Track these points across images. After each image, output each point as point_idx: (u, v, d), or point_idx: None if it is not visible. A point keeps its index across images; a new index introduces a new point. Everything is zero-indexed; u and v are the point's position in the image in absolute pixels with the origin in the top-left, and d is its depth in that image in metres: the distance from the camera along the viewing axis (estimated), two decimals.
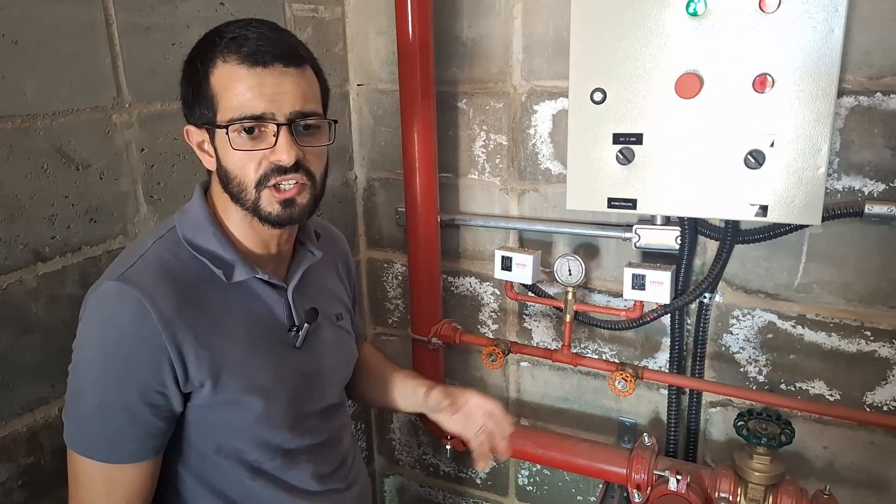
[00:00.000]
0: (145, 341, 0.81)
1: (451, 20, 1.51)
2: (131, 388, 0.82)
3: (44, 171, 1.04)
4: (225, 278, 0.87)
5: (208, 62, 0.82)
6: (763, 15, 1.11)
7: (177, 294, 0.83)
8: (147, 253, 0.86)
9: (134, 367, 0.81)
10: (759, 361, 1.43)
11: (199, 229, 0.89)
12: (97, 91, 1.10)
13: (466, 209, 1.63)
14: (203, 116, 0.85)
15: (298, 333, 0.95)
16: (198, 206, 0.91)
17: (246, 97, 0.80)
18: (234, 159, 0.83)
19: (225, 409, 0.88)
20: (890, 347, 1.31)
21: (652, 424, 1.58)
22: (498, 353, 1.47)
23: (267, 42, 0.81)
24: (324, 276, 1.06)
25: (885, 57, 1.18)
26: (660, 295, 1.32)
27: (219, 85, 0.82)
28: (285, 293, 0.94)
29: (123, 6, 1.12)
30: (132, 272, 0.83)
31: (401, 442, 1.96)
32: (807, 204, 1.16)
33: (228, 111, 0.81)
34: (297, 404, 0.96)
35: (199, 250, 0.88)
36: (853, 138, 1.24)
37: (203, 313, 0.85)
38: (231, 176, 0.85)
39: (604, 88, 1.23)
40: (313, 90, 0.86)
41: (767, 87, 1.13)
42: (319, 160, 0.88)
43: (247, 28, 0.82)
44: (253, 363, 0.89)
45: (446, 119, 1.58)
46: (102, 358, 0.82)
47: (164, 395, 0.83)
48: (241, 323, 0.89)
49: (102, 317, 0.82)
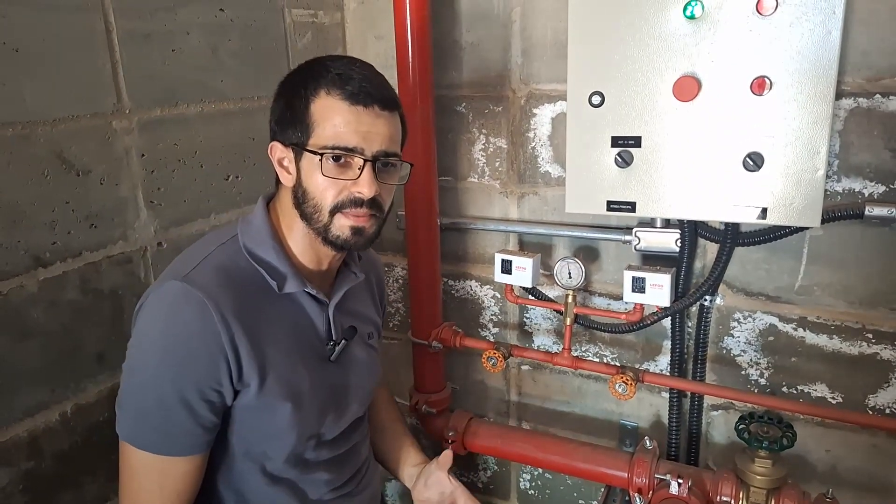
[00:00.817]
0: (206, 339, 0.86)
1: (450, 25, 1.52)
2: (190, 384, 0.86)
3: (44, 177, 1.04)
4: (277, 289, 0.94)
5: (312, 90, 0.89)
6: (760, 18, 1.11)
7: (235, 298, 0.89)
8: (210, 257, 0.92)
9: (194, 364, 0.86)
10: (760, 364, 1.42)
11: (259, 241, 0.95)
12: (97, 97, 1.11)
13: (466, 212, 1.63)
14: (294, 137, 0.91)
15: (335, 348, 1.00)
16: (260, 219, 0.97)
17: (342, 130, 0.88)
18: (317, 183, 0.90)
19: (262, 412, 0.93)
20: (891, 350, 1.30)
21: (653, 428, 1.58)
22: (498, 357, 1.47)
23: (370, 84, 0.89)
24: (361, 297, 1.12)
25: (883, 58, 1.18)
26: (660, 298, 1.31)
27: (318, 113, 0.89)
28: (327, 308, 1.00)
29: (123, 13, 1.13)
30: (195, 274, 0.88)
31: None
32: (806, 206, 1.16)
33: (323, 139, 0.88)
34: (325, 416, 1.01)
35: (257, 260, 0.94)
36: (853, 140, 1.24)
37: (256, 318, 0.91)
38: (309, 196, 0.91)
39: (602, 92, 1.23)
40: (398, 134, 0.95)
41: (765, 89, 1.13)
42: (389, 196, 0.96)
43: (351, 67, 0.90)
44: (293, 370, 0.95)
45: (446, 123, 1.58)
46: (163, 353, 0.86)
47: (219, 393, 0.88)
48: (287, 331, 0.95)
49: (165, 314, 0.87)
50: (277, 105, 0.94)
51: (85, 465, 1.15)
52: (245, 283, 0.92)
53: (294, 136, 0.91)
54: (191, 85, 1.27)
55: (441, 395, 1.65)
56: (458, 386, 1.77)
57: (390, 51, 1.48)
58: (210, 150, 1.32)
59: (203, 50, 1.28)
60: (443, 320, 1.63)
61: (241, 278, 0.92)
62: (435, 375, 1.65)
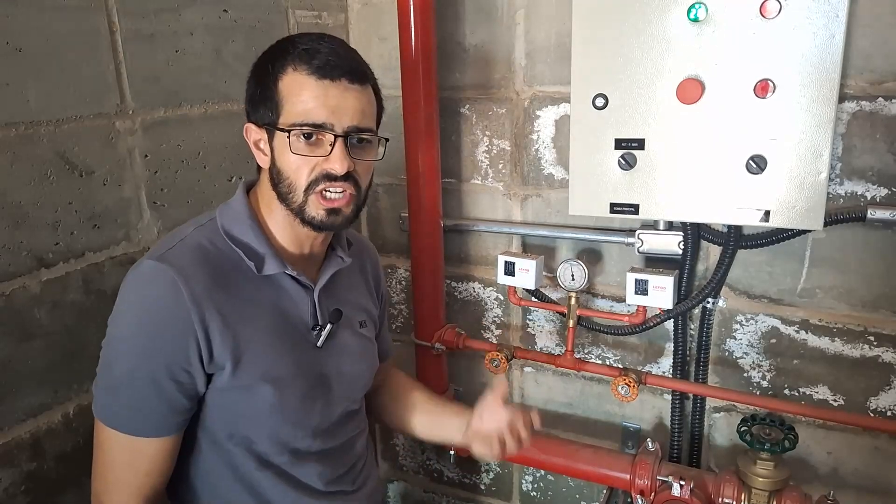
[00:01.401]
0: (176, 317, 0.85)
1: (454, 26, 1.52)
2: (159, 361, 0.86)
3: (47, 177, 1.04)
4: (256, 270, 0.92)
5: (279, 68, 0.87)
6: (764, 20, 1.11)
7: (209, 277, 0.88)
8: (187, 238, 0.91)
9: (163, 341, 0.86)
10: (762, 366, 1.42)
11: (237, 221, 0.94)
12: (101, 98, 1.11)
13: (470, 214, 1.63)
14: (265, 117, 0.89)
15: (321, 333, 0.98)
16: (239, 201, 0.96)
17: (310, 105, 0.86)
18: (289, 161, 0.88)
19: (241, 395, 0.91)
20: (893, 353, 1.30)
21: (656, 430, 1.58)
22: (501, 359, 1.47)
23: (336, 57, 0.86)
24: (352, 283, 1.09)
25: (886, 62, 1.18)
26: (663, 300, 1.31)
27: (286, 90, 0.87)
28: (312, 292, 0.98)
29: (127, 14, 1.13)
30: (170, 254, 0.88)
31: (404, 447, 1.96)
32: (808, 209, 1.16)
33: (291, 116, 0.87)
34: (313, 403, 0.98)
35: (234, 241, 0.92)
36: (855, 143, 1.24)
37: (232, 298, 0.89)
38: (283, 176, 0.89)
39: (605, 94, 1.24)
40: (371, 108, 0.92)
41: (769, 92, 1.14)
42: (367, 173, 0.94)
43: (319, 42, 0.87)
44: (272, 353, 0.93)
45: (449, 124, 1.58)
46: (135, 329, 0.86)
47: (188, 373, 0.87)
48: (267, 314, 0.93)
49: (138, 291, 0.87)
50: (249, 85, 0.93)
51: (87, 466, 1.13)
52: (221, 264, 0.90)
53: (266, 116, 0.89)
54: (194, 86, 1.27)
55: (444, 397, 1.64)
56: (461, 388, 1.77)
57: (394, 52, 1.48)
58: (213, 151, 1.32)
59: (207, 51, 1.28)
60: (446, 322, 1.63)
61: (218, 258, 0.91)
62: (438, 377, 1.65)
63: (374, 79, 0.93)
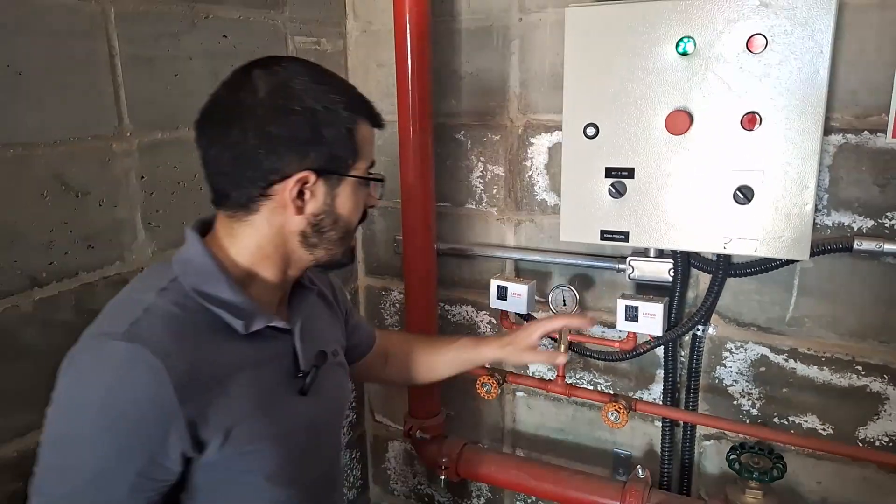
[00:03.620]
0: (159, 408, 0.73)
1: (450, 55, 1.55)
2: (137, 459, 0.74)
3: (43, 198, 1.05)
4: (244, 329, 0.81)
5: (355, 114, 0.83)
6: (751, 55, 1.14)
7: (190, 352, 0.76)
8: (153, 307, 0.77)
9: (141, 439, 0.73)
10: (752, 394, 1.43)
11: (209, 278, 0.82)
12: (98, 120, 1.12)
13: (464, 238, 1.65)
14: (335, 163, 0.82)
15: (306, 379, 0.88)
16: (201, 254, 0.83)
17: (371, 153, 0.87)
18: (353, 208, 0.86)
19: (232, 471, 0.82)
20: (881, 382, 1.31)
21: (646, 456, 1.57)
22: (493, 383, 1.47)
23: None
24: (320, 312, 1.01)
25: (870, 96, 1.21)
26: (653, 327, 1.32)
27: (362, 138, 0.84)
28: (292, 336, 0.89)
29: (127, 39, 1.15)
30: (140, 329, 0.74)
31: (396, 471, 1.95)
32: (795, 240, 1.18)
33: (365, 164, 0.86)
34: (307, 455, 0.90)
35: (213, 301, 0.80)
36: (842, 175, 1.26)
37: (215, 371, 0.79)
38: (341, 224, 0.86)
39: (596, 123, 1.26)
40: None
41: (756, 125, 1.16)
42: None
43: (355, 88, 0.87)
44: (264, 419, 0.83)
45: (444, 150, 1.60)
46: (104, 428, 0.72)
47: (166, 469, 0.76)
48: (253, 376, 0.83)
49: (104, 380, 0.73)
50: (298, 127, 0.79)
51: None
52: (198, 332, 0.78)
53: (335, 162, 0.81)
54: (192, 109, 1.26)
55: (435, 420, 1.64)
56: (453, 412, 1.77)
57: (391, 78, 1.51)
58: None
59: (205, 75, 1.30)
60: None
61: (195, 326, 0.78)
62: (430, 401, 1.65)
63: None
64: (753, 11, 1.12)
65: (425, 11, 1.42)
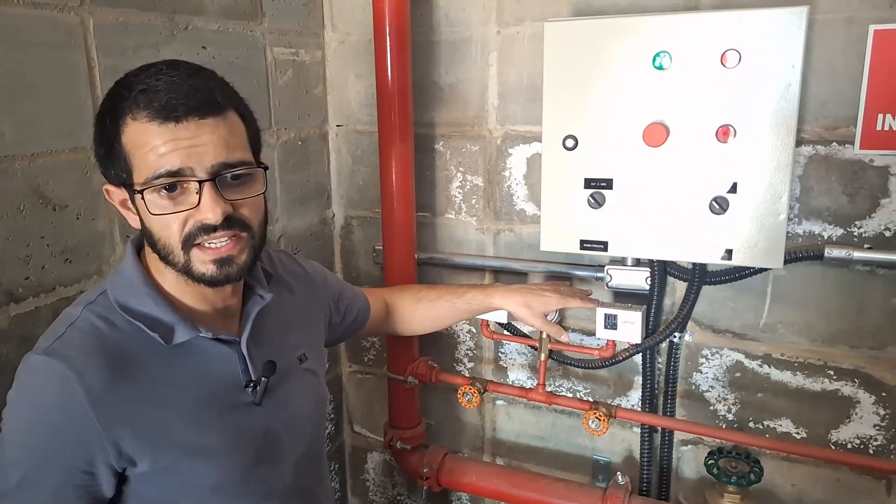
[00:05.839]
0: (72, 419, 0.76)
1: (430, 66, 1.56)
2: (55, 469, 0.77)
3: (20, 212, 1.04)
4: (164, 342, 0.81)
5: (118, 120, 0.76)
6: (724, 69, 1.17)
7: (108, 366, 0.77)
8: (77, 321, 0.80)
9: (58, 447, 0.77)
10: (727, 400, 1.46)
11: (132, 291, 0.83)
12: (77, 132, 1.11)
13: (443, 248, 1.66)
14: (119, 177, 0.79)
15: (256, 389, 0.88)
16: (130, 266, 0.85)
17: (160, 152, 0.74)
18: (155, 221, 0.78)
19: (171, 483, 0.82)
20: (852, 386, 1.35)
21: (626, 463, 1.59)
22: (474, 393, 1.48)
23: (178, 93, 0.74)
24: (283, 317, 0.99)
25: (839, 108, 1.25)
26: (631, 334, 1.34)
27: (130, 144, 0.76)
28: (238, 346, 0.88)
29: (106, 50, 1.13)
30: (59, 344, 0.77)
31: (375, 482, 1.94)
32: (769, 248, 1.21)
33: (143, 171, 0.76)
34: (261, 465, 0.89)
35: (133, 314, 0.81)
36: (812, 185, 1.30)
37: (140, 385, 0.79)
38: (156, 238, 0.80)
39: (575, 135, 1.28)
40: (238, 136, 0.80)
41: (730, 136, 1.19)
42: (255, 209, 0.83)
43: (157, 77, 0.75)
44: (199, 428, 0.83)
45: (424, 160, 1.61)
46: (25, 436, 0.78)
47: (92, 476, 0.78)
48: (187, 388, 0.83)
49: (26, 391, 0.78)
50: (94, 143, 0.81)
51: None
52: (122, 346, 0.79)
53: (118, 176, 0.79)
54: None
55: (416, 430, 1.64)
56: (434, 421, 1.77)
57: (371, 89, 1.52)
58: None
59: None
60: (419, 355, 1.63)
61: (117, 340, 0.79)
62: (410, 411, 1.65)
63: (238, 99, 0.82)
64: (727, 27, 1.15)
65: (405, 23, 1.43)
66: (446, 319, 1.33)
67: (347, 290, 1.23)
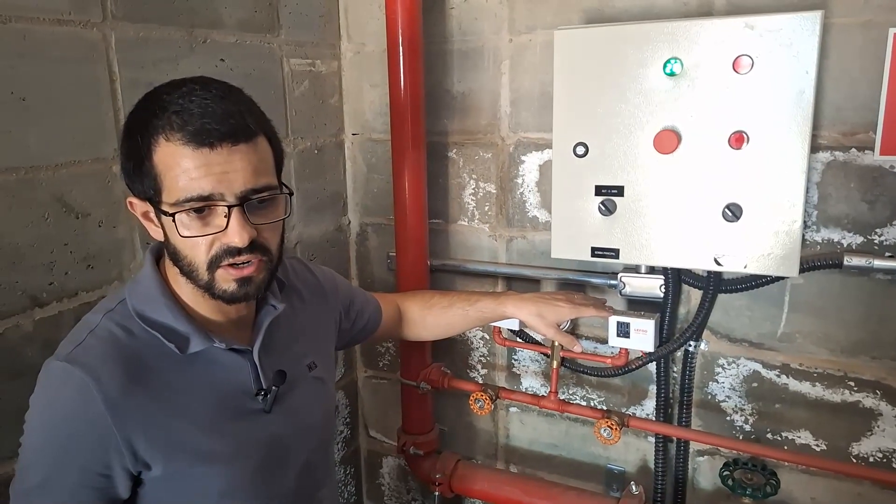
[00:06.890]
0: (90, 424, 0.79)
1: (442, 75, 1.57)
2: (73, 471, 0.81)
3: (45, 220, 1.08)
4: (179, 351, 0.84)
5: (149, 137, 0.78)
6: (737, 76, 1.16)
7: (125, 373, 0.80)
8: (97, 329, 0.83)
9: (76, 450, 0.80)
10: (745, 410, 1.43)
11: (150, 300, 0.86)
12: (99, 143, 1.15)
13: (456, 254, 1.67)
14: (146, 193, 0.81)
15: (266, 397, 0.91)
16: (149, 276, 0.88)
17: (192, 176, 0.76)
18: (182, 241, 0.80)
19: (183, 486, 0.85)
20: (874, 398, 1.32)
21: (640, 472, 1.58)
22: (486, 399, 1.48)
23: (213, 118, 0.76)
24: (295, 325, 1.02)
25: (856, 114, 1.22)
26: (644, 343, 1.33)
27: (162, 165, 0.78)
28: (250, 355, 0.91)
29: (127, 64, 1.18)
30: (79, 351, 0.81)
31: (390, 487, 1.95)
32: (784, 256, 1.19)
33: (174, 192, 0.78)
34: (267, 471, 0.92)
35: (150, 323, 0.84)
36: (830, 192, 1.28)
37: (156, 392, 0.83)
38: (181, 256, 0.82)
39: (586, 143, 1.28)
40: (266, 162, 0.82)
41: (743, 143, 1.18)
42: (275, 233, 0.86)
43: (190, 98, 0.77)
44: (213, 438, 0.86)
45: (437, 167, 1.62)
46: (44, 439, 0.82)
47: (108, 478, 0.82)
48: (200, 396, 0.86)
49: (46, 397, 0.82)
50: (121, 155, 0.83)
51: None
52: (139, 353, 0.82)
53: (146, 192, 0.81)
54: None
55: (429, 436, 1.65)
56: (447, 427, 1.78)
57: (385, 98, 1.54)
58: None
59: None
60: (432, 361, 1.64)
61: (135, 348, 0.82)
62: (423, 417, 1.66)
63: (266, 123, 0.84)
64: (739, 33, 1.14)
65: (417, 34, 1.45)
66: (458, 327, 1.34)
67: (359, 296, 1.25)
